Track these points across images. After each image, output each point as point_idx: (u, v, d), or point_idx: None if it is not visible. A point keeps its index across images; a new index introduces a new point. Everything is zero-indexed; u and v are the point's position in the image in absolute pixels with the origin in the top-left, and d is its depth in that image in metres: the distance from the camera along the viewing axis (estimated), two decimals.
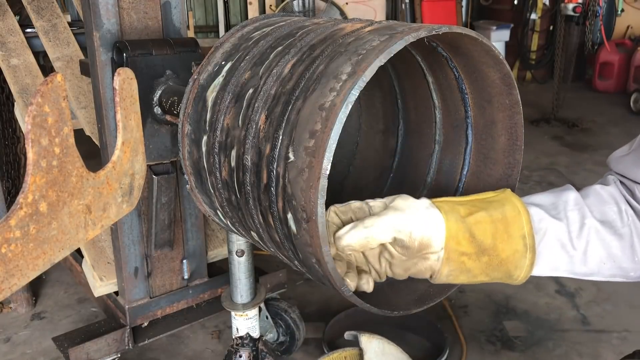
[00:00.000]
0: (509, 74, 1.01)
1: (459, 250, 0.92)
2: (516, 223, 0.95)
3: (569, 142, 5.73)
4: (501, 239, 0.94)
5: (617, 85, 7.39)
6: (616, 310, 2.90)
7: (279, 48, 1.04)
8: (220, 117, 1.06)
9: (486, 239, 0.93)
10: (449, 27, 0.90)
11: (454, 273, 0.94)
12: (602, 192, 1.05)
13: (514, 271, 0.97)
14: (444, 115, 1.23)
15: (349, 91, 0.83)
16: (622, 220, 1.02)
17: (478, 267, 0.94)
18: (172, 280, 2.14)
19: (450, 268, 0.93)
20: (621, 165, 1.09)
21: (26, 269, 0.77)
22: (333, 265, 0.88)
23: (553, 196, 1.03)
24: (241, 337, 1.92)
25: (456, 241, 0.91)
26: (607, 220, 1.01)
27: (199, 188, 1.21)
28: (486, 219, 0.93)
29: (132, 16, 1.75)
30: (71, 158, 0.82)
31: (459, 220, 0.92)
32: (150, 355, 2.54)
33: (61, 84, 0.77)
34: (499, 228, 0.94)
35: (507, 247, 0.94)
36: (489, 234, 0.93)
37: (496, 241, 0.94)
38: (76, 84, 2.38)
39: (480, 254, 0.93)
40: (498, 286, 3.00)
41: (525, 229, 0.95)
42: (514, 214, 0.95)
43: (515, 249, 0.95)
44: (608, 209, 1.02)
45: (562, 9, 6.25)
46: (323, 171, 0.82)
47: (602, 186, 1.07)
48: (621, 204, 1.03)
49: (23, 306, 2.88)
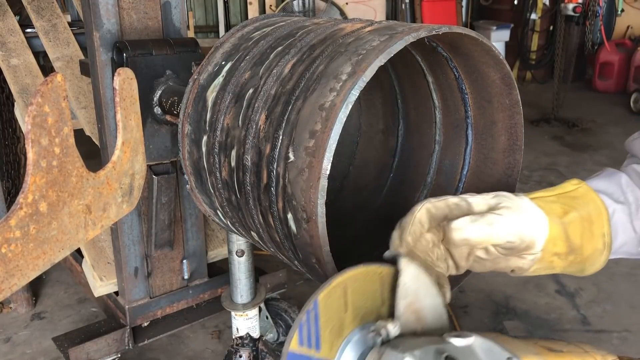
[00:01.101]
0: (509, 74, 1.01)
1: (553, 251, 0.92)
2: (598, 222, 0.96)
3: (569, 142, 5.73)
4: (587, 238, 0.95)
5: (617, 85, 7.39)
6: (616, 310, 2.90)
7: (279, 48, 1.04)
8: (220, 117, 1.06)
9: (576, 239, 0.94)
10: (449, 27, 0.90)
11: (539, 270, 0.94)
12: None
13: (589, 267, 0.98)
14: (444, 115, 1.23)
15: (349, 91, 0.83)
16: None
17: (562, 265, 0.95)
18: (172, 280, 2.14)
19: (539, 266, 0.93)
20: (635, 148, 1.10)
21: (26, 269, 0.77)
22: (333, 265, 0.88)
23: (607, 180, 1.03)
24: (241, 337, 1.92)
25: (554, 243, 0.91)
26: None
27: (199, 188, 1.21)
28: (577, 219, 0.94)
29: (132, 16, 1.74)
30: (71, 158, 0.82)
31: (558, 222, 0.92)
32: (150, 355, 2.54)
33: (61, 84, 0.77)
34: (586, 227, 0.95)
35: (590, 245, 0.95)
36: (578, 234, 0.94)
37: (583, 240, 0.94)
38: (76, 84, 2.38)
39: (569, 254, 0.94)
40: (498, 286, 3.00)
41: (605, 227, 0.96)
42: (597, 213, 0.96)
43: (595, 247, 0.96)
44: None
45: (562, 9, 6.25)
46: (323, 171, 0.82)
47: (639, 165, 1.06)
48: None
49: (23, 306, 2.88)
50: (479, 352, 0.78)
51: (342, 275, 0.80)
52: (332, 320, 0.79)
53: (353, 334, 0.82)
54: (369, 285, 0.84)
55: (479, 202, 0.91)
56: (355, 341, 0.82)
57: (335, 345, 0.80)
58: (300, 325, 0.75)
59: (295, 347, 0.75)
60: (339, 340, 0.80)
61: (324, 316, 0.77)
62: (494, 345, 0.77)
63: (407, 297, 0.84)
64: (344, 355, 0.81)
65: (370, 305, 0.84)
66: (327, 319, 0.78)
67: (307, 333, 0.76)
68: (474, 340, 0.78)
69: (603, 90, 7.56)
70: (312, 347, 0.77)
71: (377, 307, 0.85)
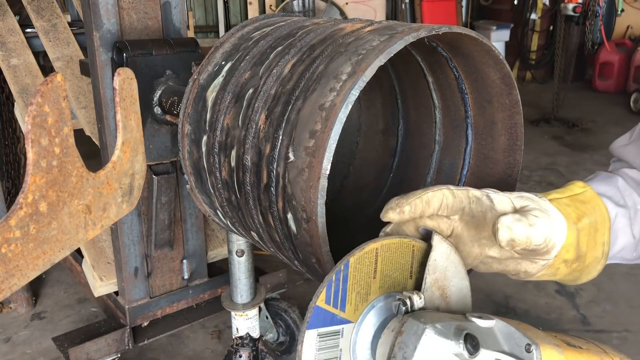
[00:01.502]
0: (509, 74, 1.01)
1: (563, 258, 0.88)
2: (602, 230, 0.93)
3: (569, 142, 5.74)
4: (590, 246, 0.92)
5: (617, 85, 7.39)
6: (616, 310, 2.90)
7: (279, 48, 1.04)
8: (220, 117, 1.06)
9: (583, 246, 0.90)
10: (449, 27, 0.90)
11: (543, 276, 0.90)
12: (634, 174, 1.03)
13: (586, 276, 0.95)
14: (444, 115, 1.23)
15: (349, 91, 0.83)
16: None
17: (565, 272, 0.91)
18: (172, 280, 2.14)
19: (545, 272, 0.89)
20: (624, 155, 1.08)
21: (26, 269, 0.77)
22: (333, 265, 0.88)
23: (606, 183, 1.01)
24: (241, 337, 1.92)
25: (567, 249, 0.87)
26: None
27: (199, 188, 1.21)
28: (587, 227, 0.90)
29: (132, 16, 1.75)
30: (71, 158, 0.82)
31: (574, 229, 0.88)
32: (150, 355, 2.54)
33: (61, 84, 0.77)
34: (591, 235, 0.92)
35: (592, 254, 0.92)
36: (585, 242, 0.90)
37: (588, 248, 0.91)
38: (76, 84, 2.38)
39: (575, 261, 0.90)
40: (498, 286, 3.00)
41: (605, 236, 0.93)
42: (601, 220, 0.93)
43: (595, 256, 0.93)
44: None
45: (562, 9, 6.26)
46: (323, 171, 0.82)
47: (630, 169, 1.05)
48: None
49: (23, 306, 2.88)
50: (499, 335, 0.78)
51: (376, 243, 0.81)
52: (360, 284, 0.80)
53: (378, 300, 0.83)
54: (400, 257, 0.84)
55: (502, 200, 0.85)
56: (379, 308, 0.83)
57: (359, 309, 0.81)
58: (329, 284, 0.77)
59: (322, 303, 0.77)
60: (364, 305, 0.81)
61: (352, 279, 0.79)
62: (514, 330, 0.77)
63: (435, 273, 0.84)
64: (367, 320, 0.82)
65: (398, 276, 0.85)
66: (354, 282, 0.79)
67: (335, 292, 0.78)
68: (495, 323, 0.78)
69: (603, 90, 7.56)
70: (338, 307, 0.78)
71: (404, 279, 0.86)
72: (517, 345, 0.76)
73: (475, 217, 0.85)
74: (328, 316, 0.78)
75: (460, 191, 0.85)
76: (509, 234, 0.79)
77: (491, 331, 0.78)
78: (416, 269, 0.86)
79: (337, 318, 0.79)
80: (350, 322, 0.81)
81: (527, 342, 0.76)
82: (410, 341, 0.73)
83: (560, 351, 0.80)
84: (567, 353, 0.81)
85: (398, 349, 0.74)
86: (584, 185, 0.96)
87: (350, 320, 0.81)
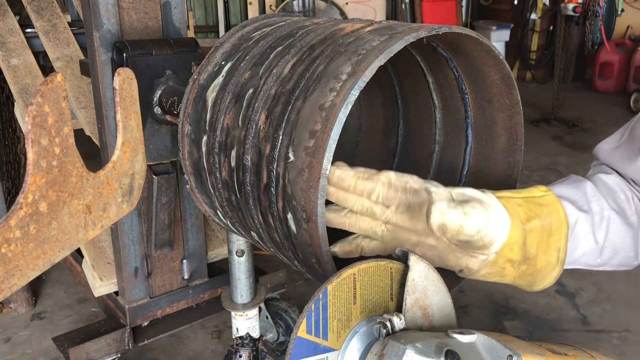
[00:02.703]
0: (509, 74, 1.01)
1: (508, 257, 0.87)
2: (557, 235, 0.92)
3: (569, 142, 5.74)
4: (542, 250, 0.91)
5: (617, 85, 7.39)
6: (616, 310, 2.90)
7: (279, 48, 1.04)
8: (220, 117, 1.06)
9: (532, 248, 0.89)
10: (449, 27, 0.90)
11: (489, 275, 0.89)
12: (608, 180, 1.02)
13: (540, 282, 0.94)
14: (444, 115, 1.23)
15: (349, 91, 0.83)
16: (630, 208, 1.00)
17: (513, 274, 0.90)
18: (172, 280, 2.14)
19: (490, 271, 0.89)
20: (612, 159, 1.06)
21: (26, 269, 0.77)
22: (333, 265, 0.88)
23: (573, 187, 1.00)
24: (241, 337, 1.92)
25: (510, 248, 0.87)
26: (620, 210, 0.99)
27: (199, 188, 1.21)
28: (538, 228, 0.89)
29: (132, 16, 1.74)
30: (71, 158, 0.82)
31: (520, 227, 0.87)
32: (150, 355, 2.54)
33: (61, 84, 0.77)
34: (544, 238, 0.90)
35: (544, 258, 0.91)
36: (535, 244, 0.89)
37: (538, 251, 0.90)
38: (76, 84, 2.38)
39: (522, 262, 0.89)
40: (498, 286, 3.00)
41: (562, 242, 0.92)
42: (557, 226, 0.92)
43: (549, 261, 0.92)
44: (617, 198, 1.00)
45: (562, 9, 6.26)
46: (323, 171, 0.82)
47: (606, 175, 1.03)
48: (627, 192, 1.01)
49: (23, 306, 2.88)
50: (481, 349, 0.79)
51: (352, 268, 0.81)
52: (340, 311, 0.81)
53: (360, 325, 0.83)
54: (379, 280, 0.85)
55: (440, 192, 0.85)
56: (362, 333, 0.83)
57: (342, 336, 0.81)
58: (308, 314, 0.77)
59: (303, 334, 0.77)
60: (346, 331, 0.82)
61: (332, 306, 0.80)
62: (496, 343, 0.78)
63: (415, 293, 0.85)
64: (350, 346, 0.82)
65: (379, 299, 0.85)
66: (335, 310, 0.80)
67: (315, 321, 0.78)
68: (477, 337, 0.79)
69: (603, 90, 7.56)
70: (320, 336, 0.79)
71: (385, 302, 0.86)
72: (499, 357, 0.77)
73: (411, 208, 0.86)
74: (311, 346, 0.78)
75: (399, 181, 0.86)
76: (440, 218, 0.81)
77: (473, 346, 0.79)
78: (396, 291, 0.87)
79: (320, 347, 0.79)
80: (334, 349, 0.81)
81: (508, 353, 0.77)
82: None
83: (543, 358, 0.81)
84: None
85: None
86: (545, 190, 0.95)
87: (334, 347, 0.81)
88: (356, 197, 0.87)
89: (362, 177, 0.86)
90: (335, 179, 0.86)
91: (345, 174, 0.86)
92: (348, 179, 0.86)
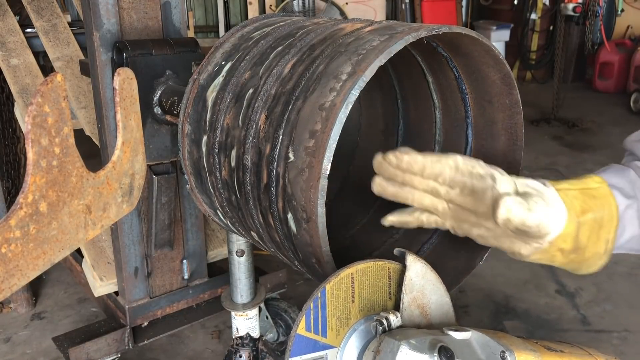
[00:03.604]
0: (509, 74, 1.01)
1: (559, 247, 0.91)
2: (607, 227, 0.95)
3: (569, 142, 5.74)
4: (592, 241, 0.94)
5: (617, 85, 7.39)
6: (616, 310, 2.90)
7: (279, 48, 1.04)
8: (220, 117, 1.06)
9: (583, 239, 0.92)
10: (449, 27, 0.90)
11: (539, 260, 0.93)
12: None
13: (586, 268, 0.97)
14: (444, 115, 1.23)
15: (349, 91, 0.83)
16: None
17: (561, 260, 0.94)
18: (172, 280, 2.14)
19: (540, 257, 0.92)
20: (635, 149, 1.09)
21: (26, 269, 0.77)
22: (333, 265, 0.88)
23: (619, 175, 1.02)
24: (241, 337, 1.92)
25: (563, 239, 0.90)
26: None
27: (199, 188, 1.21)
28: (590, 221, 0.92)
29: (132, 16, 1.74)
30: (71, 158, 0.82)
31: (574, 221, 0.90)
32: (150, 355, 2.54)
33: (61, 84, 0.77)
34: (594, 230, 0.93)
35: (593, 248, 0.94)
36: (586, 235, 0.93)
37: (588, 242, 0.93)
38: (76, 84, 2.38)
39: (572, 252, 0.93)
40: (498, 286, 3.00)
41: (611, 234, 0.95)
42: (608, 218, 0.95)
43: (597, 251, 0.95)
44: None
45: (562, 9, 6.25)
46: (323, 171, 0.82)
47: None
48: None
49: (23, 306, 2.88)
50: (475, 345, 0.81)
51: (350, 268, 0.83)
52: (339, 310, 0.83)
53: (359, 324, 0.85)
54: (377, 279, 0.87)
55: (505, 181, 0.88)
56: (360, 331, 0.85)
57: (341, 333, 0.83)
58: (307, 312, 0.79)
59: (303, 331, 0.79)
60: (345, 329, 0.84)
61: (331, 305, 0.82)
62: (489, 339, 0.81)
63: (412, 292, 0.87)
64: (349, 344, 0.84)
65: (377, 298, 0.87)
66: (333, 308, 0.82)
67: (314, 319, 0.80)
68: (471, 334, 0.81)
69: (603, 90, 7.56)
70: (319, 333, 0.81)
71: (384, 301, 0.88)
72: (493, 354, 0.79)
73: (475, 192, 0.89)
74: (310, 343, 0.80)
75: (466, 165, 0.89)
76: (506, 213, 0.84)
77: (467, 342, 0.81)
78: (395, 290, 0.89)
79: (320, 344, 0.81)
80: (333, 347, 0.83)
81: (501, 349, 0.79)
82: (388, 358, 0.75)
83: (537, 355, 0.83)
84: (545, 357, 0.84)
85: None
86: (600, 181, 0.97)
87: (333, 345, 0.83)
88: (422, 179, 0.90)
89: (431, 161, 0.89)
90: (404, 165, 0.89)
91: (413, 159, 0.89)
92: (417, 165, 0.89)
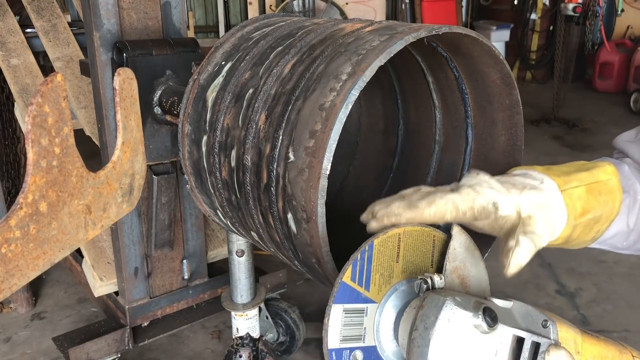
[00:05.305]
0: (509, 74, 1.01)
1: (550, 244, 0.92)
2: (603, 222, 0.96)
3: (569, 142, 5.73)
4: (583, 234, 0.95)
5: (617, 85, 7.38)
6: (616, 310, 2.90)
7: (279, 48, 1.04)
8: (220, 117, 1.06)
9: (575, 235, 0.94)
10: (449, 27, 0.90)
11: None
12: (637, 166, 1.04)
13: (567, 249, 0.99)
14: (444, 115, 1.23)
15: (349, 91, 0.83)
16: None
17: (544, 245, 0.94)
18: (172, 280, 2.14)
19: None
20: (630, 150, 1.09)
21: (26, 269, 0.77)
22: (333, 265, 0.88)
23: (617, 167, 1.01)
24: (241, 337, 1.92)
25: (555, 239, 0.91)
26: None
27: (199, 188, 1.21)
28: (587, 221, 0.93)
29: (132, 16, 1.74)
30: (71, 158, 0.82)
31: (571, 225, 0.91)
32: (150, 355, 2.54)
33: (61, 84, 0.77)
34: (589, 226, 0.94)
35: (582, 238, 0.96)
36: (579, 232, 0.94)
37: (580, 235, 0.95)
38: (76, 84, 2.38)
39: (561, 244, 0.94)
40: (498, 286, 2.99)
41: (604, 226, 0.96)
42: (607, 215, 0.95)
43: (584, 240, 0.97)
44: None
45: (562, 9, 6.25)
46: (323, 171, 0.82)
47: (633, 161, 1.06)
48: None
49: (23, 306, 2.88)
50: (517, 315, 0.81)
51: (399, 228, 0.85)
52: (383, 267, 0.84)
53: (400, 284, 0.86)
54: (422, 245, 0.89)
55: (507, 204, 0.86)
56: (401, 291, 0.86)
57: (382, 290, 0.85)
58: (354, 262, 0.80)
59: (348, 280, 0.80)
60: (387, 287, 0.85)
61: (376, 260, 0.83)
62: (532, 309, 0.80)
63: (455, 261, 0.88)
64: (390, 302, 0.85)
65: (420, 263, 0.89)
66: (378, 264, 0.83)
67: (360, 271, 0.81)
68: (513, 304, 0.81)
69: (603, 90, 7.56)
70: (362, 285, 0.82)
71: (426, 266, 0.89)
72: (534, 322, 0.79)
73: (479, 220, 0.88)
74: (353, 293, 0.81)
75: (465, 203, 0.84)
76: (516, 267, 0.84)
77: (509, 311, 0.81)
78: (437, 258, 0.90)
79: (362, 296, 0.82)
80: (374, 302, 0.84)
81: (543, 318, 0.78)
82: (432, 312, 0.75)
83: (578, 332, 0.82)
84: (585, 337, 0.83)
85: (420, 321, 0.76)
86: (612, 172, 0.96)
87: (374, 300, 0.84)
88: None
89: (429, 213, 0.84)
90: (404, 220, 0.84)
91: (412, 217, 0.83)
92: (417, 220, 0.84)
